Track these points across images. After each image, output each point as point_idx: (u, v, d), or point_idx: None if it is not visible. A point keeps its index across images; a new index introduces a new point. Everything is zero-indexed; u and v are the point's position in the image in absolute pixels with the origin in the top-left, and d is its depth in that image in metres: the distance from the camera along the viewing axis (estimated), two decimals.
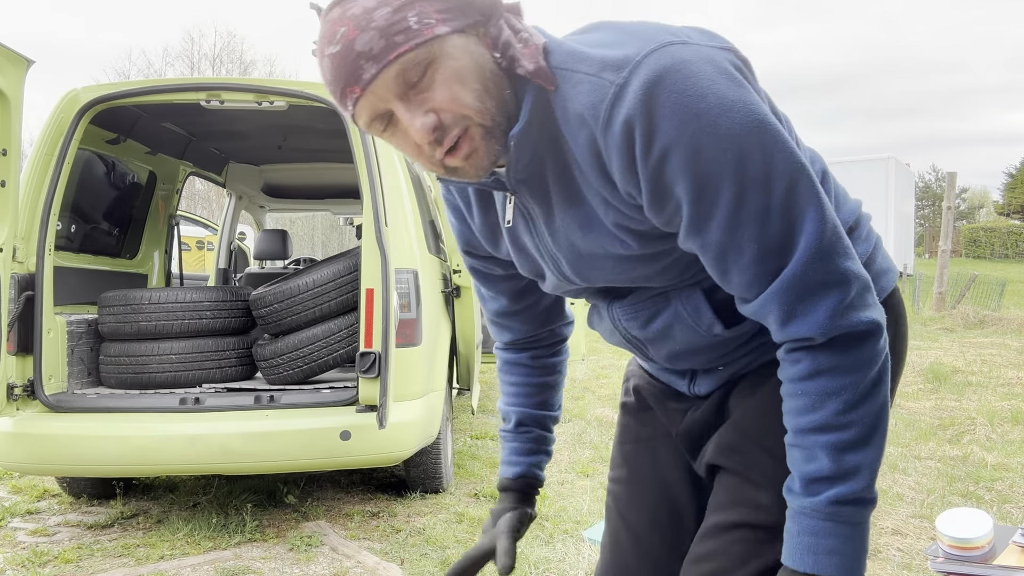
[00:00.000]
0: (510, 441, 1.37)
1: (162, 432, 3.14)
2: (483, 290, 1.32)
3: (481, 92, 0.90)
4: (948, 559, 1.44)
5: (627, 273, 1.06)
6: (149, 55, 41.17)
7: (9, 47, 2.88)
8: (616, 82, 0.88)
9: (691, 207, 0.90)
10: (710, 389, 1.21)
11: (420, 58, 0.87)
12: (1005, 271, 19.29)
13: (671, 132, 0.86)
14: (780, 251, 0.91)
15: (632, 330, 1.15)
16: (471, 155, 0.92)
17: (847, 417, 0.92)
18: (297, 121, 4.29)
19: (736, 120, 0.86)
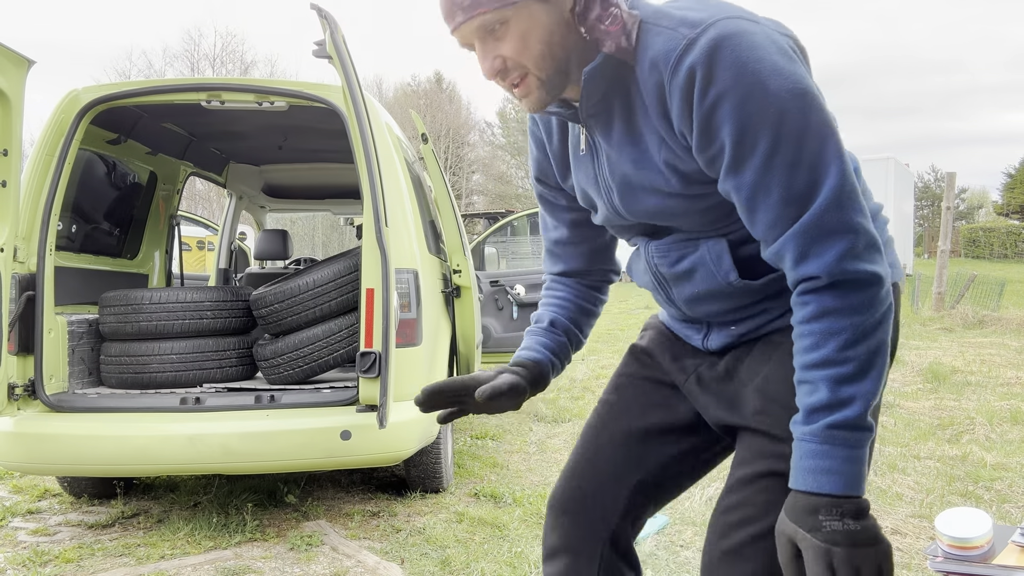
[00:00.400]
0: (537, 335, 1.45)
1: (163, 432, 3.15)
2: (547, 219, 1.48)
3: (543, 51, 1.11)
4: (947, 559, 1.44)
5: (666, 211, 1.21)
6: (149, 55, 41.17)
7: (10, 47, 2.88)
8: (688, 36, 1.06)
9: (732, 149, 1.06)
10: (721, 344, 1.32)
11: (497, 17, 1.09)
12: (1004, 271, 19.29)
13: (726, 82, 1.03)
14: (803, 198, 1.05)
15: (662, 267, 1.29)
16: (526, 95, 1.15)
17: (846, 353, 1.04)
18: (297, 121, 4.29)
19: (784, 84, 1.03)
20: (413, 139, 7.18)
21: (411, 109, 7.51)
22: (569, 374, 7.71)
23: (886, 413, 5.51)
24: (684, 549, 3.06)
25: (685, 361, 1.39)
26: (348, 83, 2.97)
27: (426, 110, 42.17)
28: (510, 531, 3.33)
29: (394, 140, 3.80)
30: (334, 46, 2.90)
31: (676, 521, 3.34)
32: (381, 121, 3.63)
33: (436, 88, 46.64)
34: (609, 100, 1.17)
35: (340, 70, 2.95)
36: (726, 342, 1.31)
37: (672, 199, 1.18)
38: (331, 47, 2.92)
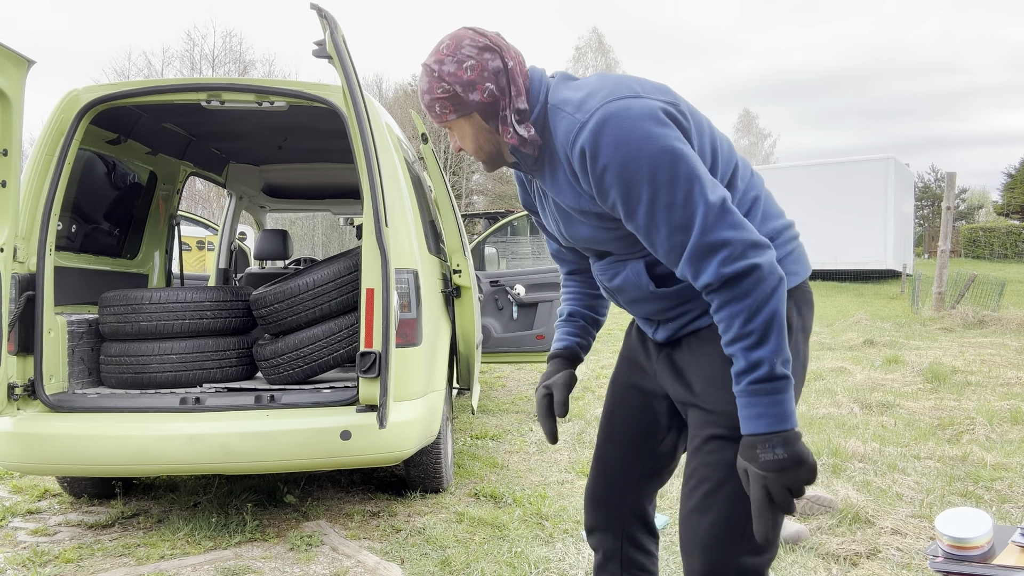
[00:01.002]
0: (562, 327, 1.88)
1: (162, 432, 3.15)
2: (545, 235, 1.85)
3: (476, 147, 1.59)
4: (947, 558, 1.44)
5: (594, 239, 1.59)
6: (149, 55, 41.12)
7: (10, 47, 2.88)
8: (581, 120, 1.44)
9: (622, 203, 1.44)
10: (665, 337, 1.66)
11: (442, 125, 1.58)
12: (1004, 271, 19.30)
13: (608, 155, 1.41)
14: (684, 229, 1.40)
15: (604, 282, 1.68)
16: (480, 161, 1.63)
17: (747, 328, 1.38)
18: (297, 121, 4.29)
19: (653, 147, 1.39)
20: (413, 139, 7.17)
21: (411, 109, 7.52)
22: None
23: (886, 413, 5.52)
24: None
25: (652, 353, 1.75)
26: (348, 83, 2.97)
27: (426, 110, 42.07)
28: (510, 531, 3.33)
29: (394, 140, 3.79)
30: (334, 46, 2.90)
31: (676, 521, 3.34)
32: (381, 121, 3.63)
33: None
34: (541, 161, 1.57)
35: (340, 70, 2.95)
36: (667, 335, 1.65)
37: (596, 231, 1.57)
38: (331, 47, 2.91)
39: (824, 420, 5.31)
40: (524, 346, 5.74)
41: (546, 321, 5.82)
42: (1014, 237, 30.40)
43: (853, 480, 3.89)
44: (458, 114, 1.53)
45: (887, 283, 20.00)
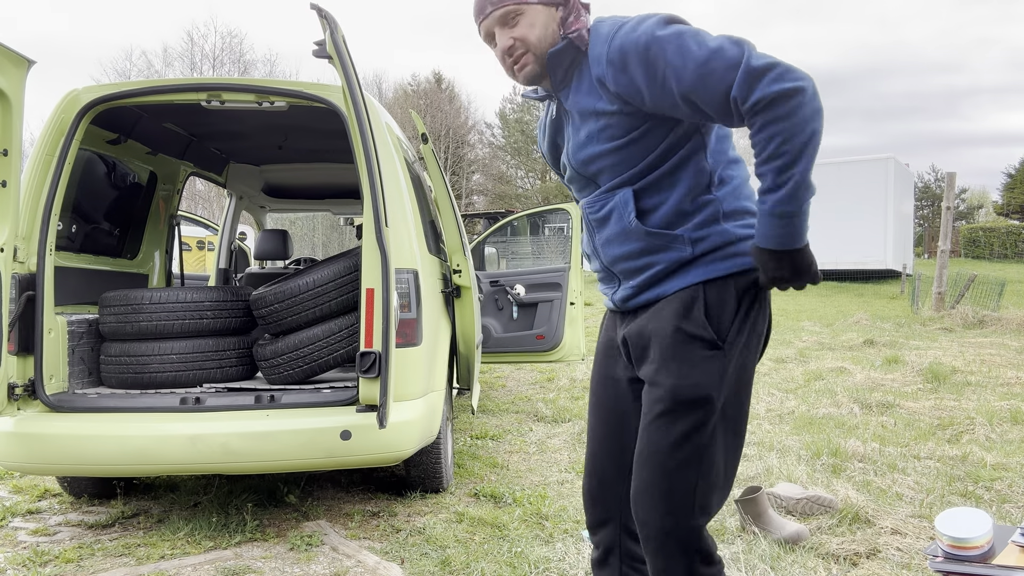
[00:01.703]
0: None
1: (163, 432, 3.15)
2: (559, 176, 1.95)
3: (541, 37, 1.69)
4: (947, 558, 1.44)
5: (595, 156, 1.70)
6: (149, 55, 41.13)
7: (10, 47, 2.88)
8: (620, 21, 1.64)
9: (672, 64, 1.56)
10: (623, 297, 1.77)
11: (516, 10, 1.69)
12: (1004, 271, 19.30)
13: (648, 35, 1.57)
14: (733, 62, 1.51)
15: (591, 215, 1.76)
16: (523, 68, 1.72)
17: (782, 148, 1.48)
18: (297, 121, 4.29)
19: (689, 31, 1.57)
20: (413, 139, 7.17)
21: (411, 109, 7.50)
22: (569, 374, 7.71)
23: (886, 413, 5.52)
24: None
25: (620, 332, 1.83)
26: (348, 83, 2.97)
27: (426, 110, 42.15)
28: (510, 531, 3.33)
29: (394, 140, 3.79)
30: (334, 46, 2.90)
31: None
32: (381, 121, 3.63)
33: (436, 88, 46.60)
34: (569, 75, 1.71)
35: (340, 70, 2.95)
36: (626, 295, 1.75)
37: (601, 144, 1.67)
38: (331, 47, 2.91)
39: (824, 420, 5.31)
40: (524, 346, 5.74)
41: (546, 321, 5.82)
42: (1014, 237, 30.40)
43: (853, 480, 3.90)
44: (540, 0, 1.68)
45: (887, 283, 20.00)
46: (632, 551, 1.84)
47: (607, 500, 1.84)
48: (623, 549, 1.84)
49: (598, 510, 1.86)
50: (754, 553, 2.96)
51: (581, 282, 5.63)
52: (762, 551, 2.96)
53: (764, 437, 4.81)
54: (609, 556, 1.85)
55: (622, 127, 1.65)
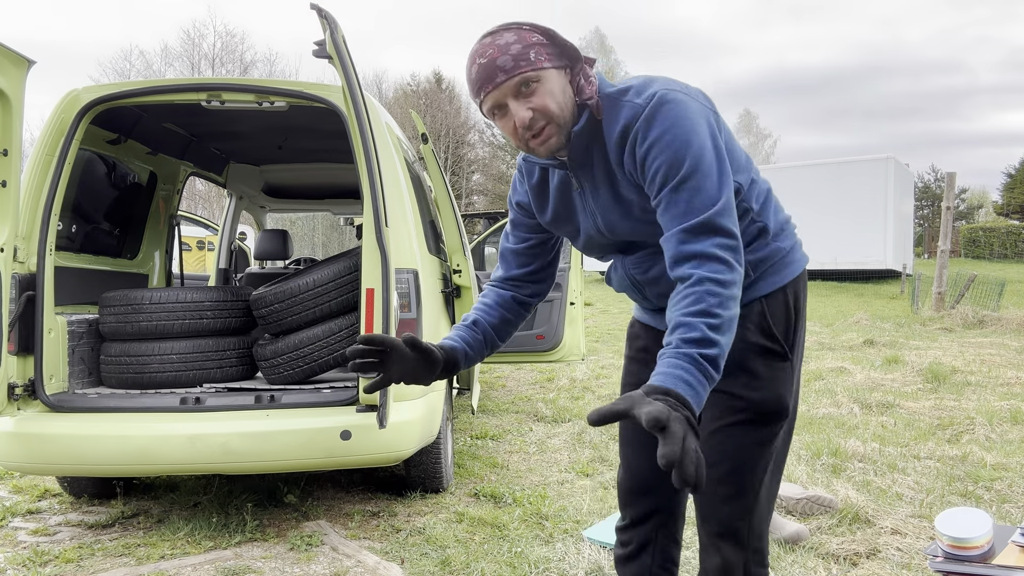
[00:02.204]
0: (460, 329, 1.76)
1: (163, 432, 3.15)
2: (511, 233, 1.84)
3: (561, 105, 1.52)
4: (947, 558, 1.44)
5: (636, 230, 1.61)
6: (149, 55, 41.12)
7: (10, 47, 2.88)
8: (643, 104, 1.49)
9: (664, 171, 1.47)
10: None
11: (532, 77, 1.49)
12: (1004, 271, 19.30)
13: (664, 126, 1.47)
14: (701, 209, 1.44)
15: (637, 275, 1.69)
16: (545, 141, 1.53)
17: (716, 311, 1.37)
18: (297, 121, 4.29)
19: (703, 137, 1.47)
20: (413, 139, 7.17)
21: (411, 109, 7.51)
22: (569, 374, 7.71)
23: (886, 413, 5.52)
24: (684, 549, 3.06)
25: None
26: (348, 83, 2.97)
27: (426, 110, 42.15)
28: (510, 531, 3.33)
29: (394, 140, 3.79)
30: (334, 46, 2.90)
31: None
32: (381, 121, 3.63)
33: (436, 88, 46.60)
34: (588, 152, 1.58)
35: (340, 70, 2.95)
36: None
37: (637, 221, 1.59)
38: (331, 47, 2.91)
39: (824, 420, 5.31)
40: (524, 346, 5.74)
41: (546, 321, 5.82)
42: (1014, 237, 30.40)
43: (853, 480, 3.90)
44: (553, 64, 1.50)
45: (887, 283, 20.00)
46: (668, 551, 1.85)
47: (649, 497, 1.83)
48: (658, 547, 1.84)
49: (640, 506, 1.84)
50: None
51: (581, 282, 5.63)
52: None
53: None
54: (642, 553, 1.85)
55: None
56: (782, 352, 1.64)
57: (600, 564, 2.92)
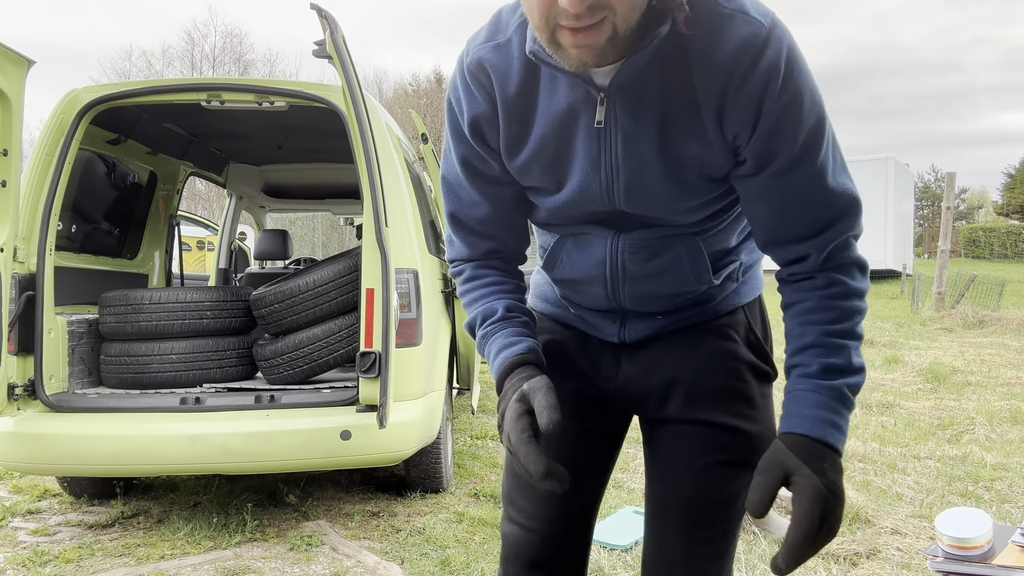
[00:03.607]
0: (506, 326, 1.24)
1: (162, 432, 3.15)
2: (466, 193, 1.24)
3: (632, 5, 0.96)
4: (947, 559, 1.44)
5: (670, 205, 1.14)
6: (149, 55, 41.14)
7: (10, 47, 2.88)
8: (766, 27, 1.01)
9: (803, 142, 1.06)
10: (641, 335, 1.29)
11: None
12: (1004, 271, 19.30)
13: (800, 80, 1.03)
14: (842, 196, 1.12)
15: (631, 263, 1.20)
16: (593, 43, 0.96)
17: (858, 329, 1.11)
18: (297, 121, 4.29)
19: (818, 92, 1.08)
20: (413, 139, 7.17)
21: (411, 109, 7.52)
22: None
23: (886, 413, 5.52)
24: None
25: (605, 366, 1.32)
26: (348, 83, 2.97)
27: (426, 110, 42.16)
28: None
29: (394, 140, 3.80)
30: (334, 46, 2.90)
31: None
32: (381, 121, 3.63)
33: (436, 88, 46.59)
34: (645, 79, 1.04)
35: (340, 70, 2.95)
36: (647, 333, 1.28)
37: (684, 191, 1.12)
38: (331, 47, 2.91)
39: None
40: None
41: None
42: (1014, 237, 30.41)
43: (853, 480, 3.89)
44: None
45: (887, 283, 20.01)
46: None
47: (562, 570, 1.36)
48: None
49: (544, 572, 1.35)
50: (754, 553, 2.96)
51: None
52: (762, 551, 2.96)
53: None
54: None
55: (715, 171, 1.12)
56: (771, 373, 1.32)
57: (600, 564, 2.92)
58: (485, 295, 1.28)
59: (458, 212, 1.27)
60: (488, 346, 1.24)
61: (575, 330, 1.36)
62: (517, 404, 1.11)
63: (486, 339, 1.25)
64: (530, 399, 1.10)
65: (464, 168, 1.22)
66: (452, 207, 1.28)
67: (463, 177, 1.23)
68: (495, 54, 1.12)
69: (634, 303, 1.25)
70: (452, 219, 1.28)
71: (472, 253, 1.30)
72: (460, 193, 1.25)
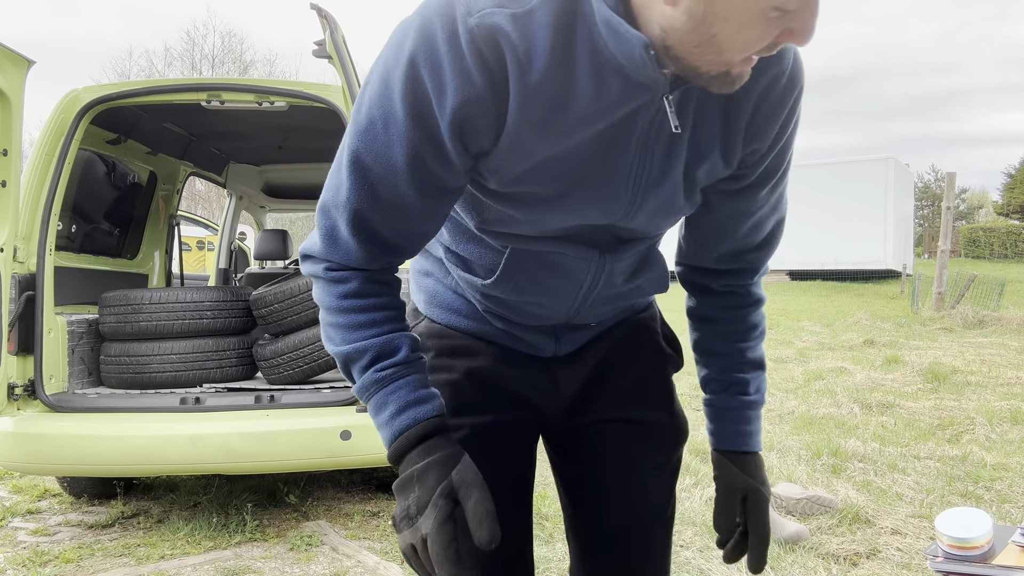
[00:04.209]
0: (408, 372, 0.99)
1: (162, 432, 3.15)
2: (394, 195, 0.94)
3: None
4: (947, 559, 1.44)
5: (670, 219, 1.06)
6: (149, 55, 41.17)
7: (10, 47, 2.88)
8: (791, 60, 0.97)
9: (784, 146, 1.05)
10: (575, 347, 1.20)
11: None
12: (1004, 271, 19.30)
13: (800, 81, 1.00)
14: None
15: (617, 279, 1.10)
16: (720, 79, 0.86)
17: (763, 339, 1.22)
18: (297, 121, 4.29)
19: None
20: None
21: None
22: None
23: (886, 413, 5.52)
24: (684, 549, 3.06)
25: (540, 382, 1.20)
26: (348, 83, 2.97)
27: None
28: None
29: None
30: (334, 46, 2.90)
31: (676, 521, 3.34)
32: None
33: None
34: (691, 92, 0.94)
35: (340, 70, 2.95)
36: (581, 343, 1.20)
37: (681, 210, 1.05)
38: (331, 47, 2.92)
39: (824, 420, 5.31)
40: None
41: None
42: (1014, 237, 30.42)
43: (853, 480, 3.89)
44: None
45: (887, 283, 20.01)
46: None
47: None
48: None
49: None
50: None
51: None
52: None
53: (764, 437, 4.81)
54: None
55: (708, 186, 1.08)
56: (681, 363, 1.30)
57: None
58: (378, 321, 0.99)
59: (371, 214, 0.95)
60: (382, 395, 0.98)
61: (498, 346, 1.17)
62: (444, 502, 0.92)
63: (380, 384, 0.98)
64: (460, 498, 0.93)
65: (412, 166, 0.92)
66: (363, 205, 0.95)
67: (404, 176, 0.92)
68: (513, 25, 0.85)
69: (584, 317, 1.15)
70: (357, 219, 0.95)
71: (368, 263, 0.99)
72: (384, 193, 0.94)
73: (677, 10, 0.80)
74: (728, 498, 1.19)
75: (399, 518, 0.95)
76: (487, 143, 0.92)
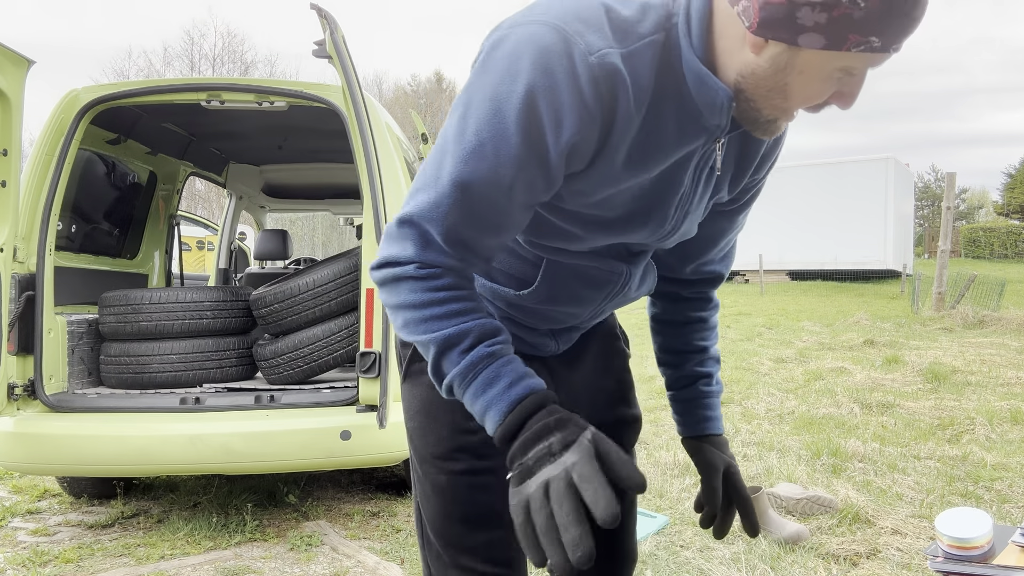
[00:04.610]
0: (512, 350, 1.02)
1: (162, 432, 3.15)
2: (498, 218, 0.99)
3: None
4: (947, 559, 1.44)
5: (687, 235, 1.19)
6: (149, 55, 41.16)
7: (10, 47, 2.88)
8: None
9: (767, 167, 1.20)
10: (568, 347, 1.31)
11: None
12: (1004, 271, 19.29)
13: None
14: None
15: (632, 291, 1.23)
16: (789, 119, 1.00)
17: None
18: (297, 121, 4.29)
19: None
20: (413, 139, 7.17)
21: (411, 109, 7.53)
22: None
23: (886, 413, 5.52)
24: (684, 549, 3.06)
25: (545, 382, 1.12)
26: (348, 83, 2.97)
27: (426, 110, 42.18)
28: None
29: (394, 140, 3.79)
30: (334, 46, 2.90)
31: (676, 521, 3.34)
32: (381, 121, 3.63)
33: (436, 88, 46.61)
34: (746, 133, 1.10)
35: (340, 70, 2.95)
36: (572, 343, 1.30)
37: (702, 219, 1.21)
38: (331, 47, 2.91)
39: (824, 420, 5.31)
40: None
41: None
42: (1014, 237, 30.42)
43: (853, 480, 3.89)
44: None
45: (887, 283, 20.01)
46: None
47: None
48: None
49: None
50: (754, 553, 2.96)
51: None
52: (762, 551, 2.96)
53: (764, 437, 4.81)
54: None
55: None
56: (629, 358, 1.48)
57: None
58: (473, 310, 1.02)
59: (468, 230, 0.99)
60: (494, 367, 0.98)
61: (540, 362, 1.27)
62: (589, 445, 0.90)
63: (492, 358, 0.99)
64: (600, 451, 0.90)
65: (517, 186, 0.96)
66: (461, 221, 0.98)
67: (506, 194, 0.96)
68: (624, 64, 0.92)
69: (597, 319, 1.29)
70: (453, 233, 0.98)
71: (461, 267, 1.03)
72: (484, 210, 0.97)
73: (761, 59, 0.90)
74: (713, 474, 1.32)
75: (533, 460, 0.90)
76: (582, 165, 0.99)
